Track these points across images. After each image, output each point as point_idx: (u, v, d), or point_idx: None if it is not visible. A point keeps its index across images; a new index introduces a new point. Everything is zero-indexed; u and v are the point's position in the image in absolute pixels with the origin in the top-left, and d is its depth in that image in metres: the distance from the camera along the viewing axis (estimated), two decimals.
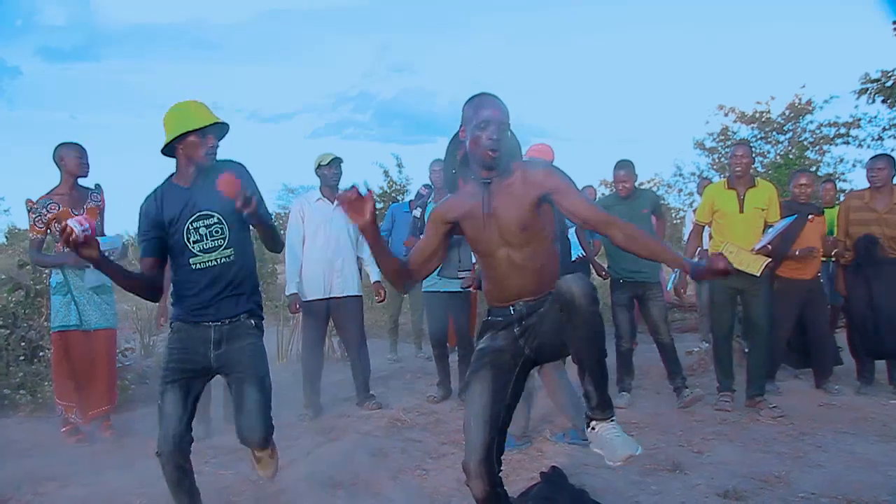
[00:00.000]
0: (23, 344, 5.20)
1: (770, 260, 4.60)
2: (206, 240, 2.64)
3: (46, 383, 4.85)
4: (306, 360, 4.96)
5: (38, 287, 5.48)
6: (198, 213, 2.63)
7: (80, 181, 4.25)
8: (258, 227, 2.66)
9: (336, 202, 4.88)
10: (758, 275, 4.53)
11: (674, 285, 5.31)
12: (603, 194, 17.95)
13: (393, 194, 12.74)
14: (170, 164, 2.71)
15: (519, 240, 2.25)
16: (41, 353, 5.16)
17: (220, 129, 2.69)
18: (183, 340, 2.68)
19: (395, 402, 5.13)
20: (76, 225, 2.27)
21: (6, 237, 20.35)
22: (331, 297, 4.87)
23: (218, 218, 2.64)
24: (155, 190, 2.70)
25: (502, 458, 2.28)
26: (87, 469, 3.78)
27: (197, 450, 2.75)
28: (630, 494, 3.28)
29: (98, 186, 4.36)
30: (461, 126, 2.32)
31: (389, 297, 6.18)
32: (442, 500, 3.28)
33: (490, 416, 2.22)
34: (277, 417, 2.84)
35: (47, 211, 4.10)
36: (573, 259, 5.22)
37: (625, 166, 5.08)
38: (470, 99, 2.30)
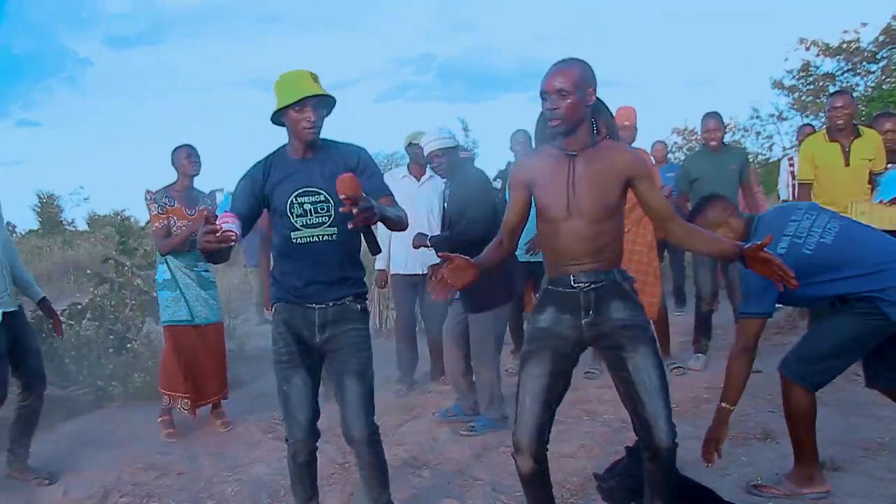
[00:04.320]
0: (111, 337, 5.42)
1: None
2: (311, 215, 2.53)
3: (136, 374, 5.06)
4: (402, 335, 4.98)
5: (121, 280, 5.70)
6: (304, 188, 2.54)
7: (197, 184, 4.46)
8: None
9: (420, 181, 4.90)
10: None
11: None
12: (675, 143, 17.23)
13: None
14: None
15: (596, 216, 2.23)
16: (129, 345, 5.37)
17: (326, 102, 2.55)
18: (288, 322, 2.61)
19: None
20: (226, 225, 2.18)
21: (88, 224, 21.37)
22: (419, 274, 4.84)
23: (325, 196, 2.53)
24: (266, 157, 2.65)
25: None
26: (182, 458, 3.92)
27: (283, 434, 2.71)
28: (720, 466, 3.16)
29: (212, 193, 4.62)
30: None
31: None
32: None
33: (547, 399, 2.28)
34: None
35: (168, 200, 4.28)
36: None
37: (714, 116, 4.88)
38: None
